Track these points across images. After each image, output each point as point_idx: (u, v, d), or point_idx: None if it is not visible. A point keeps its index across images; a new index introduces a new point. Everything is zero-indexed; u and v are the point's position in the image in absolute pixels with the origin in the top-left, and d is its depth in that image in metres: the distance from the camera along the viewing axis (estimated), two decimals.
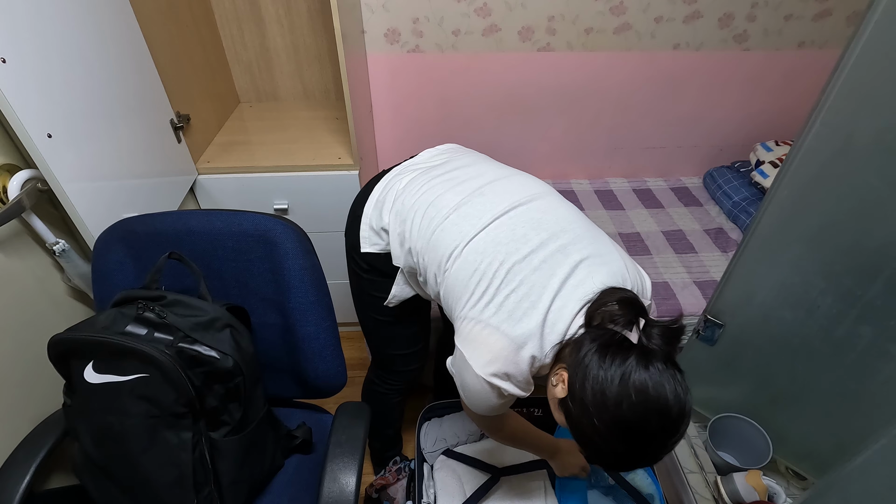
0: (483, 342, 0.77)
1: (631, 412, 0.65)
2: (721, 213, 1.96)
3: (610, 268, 0.80)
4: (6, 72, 0.81)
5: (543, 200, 0.89)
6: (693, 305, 1.54)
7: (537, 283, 0.77)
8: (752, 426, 1.21)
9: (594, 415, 0.67)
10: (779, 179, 0.96)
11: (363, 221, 1.01)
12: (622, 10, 1.73)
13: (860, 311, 0.94)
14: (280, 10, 1.73)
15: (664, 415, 0.65)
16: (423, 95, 1.91)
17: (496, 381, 0.76)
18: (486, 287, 0.79)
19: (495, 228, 0.83)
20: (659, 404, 0.64)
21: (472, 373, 0.76)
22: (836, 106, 0.84)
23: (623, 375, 0.65)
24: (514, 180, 0.94)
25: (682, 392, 0.66)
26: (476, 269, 0.81)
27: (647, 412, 0.65)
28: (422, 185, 0.94)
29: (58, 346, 0.79)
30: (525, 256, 0.79)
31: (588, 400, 0.67)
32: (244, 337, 0.87)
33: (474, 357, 0.77)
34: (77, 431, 0.83)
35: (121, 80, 1.12)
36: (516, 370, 0.75)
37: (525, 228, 0.83)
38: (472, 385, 0.78)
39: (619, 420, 0.65)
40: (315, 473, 0.86)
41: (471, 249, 0.82)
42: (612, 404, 0.65)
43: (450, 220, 0.87)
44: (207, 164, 1.53)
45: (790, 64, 1.89)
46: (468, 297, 0.80)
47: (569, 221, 0.85)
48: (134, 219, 0.97)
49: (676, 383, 0.66)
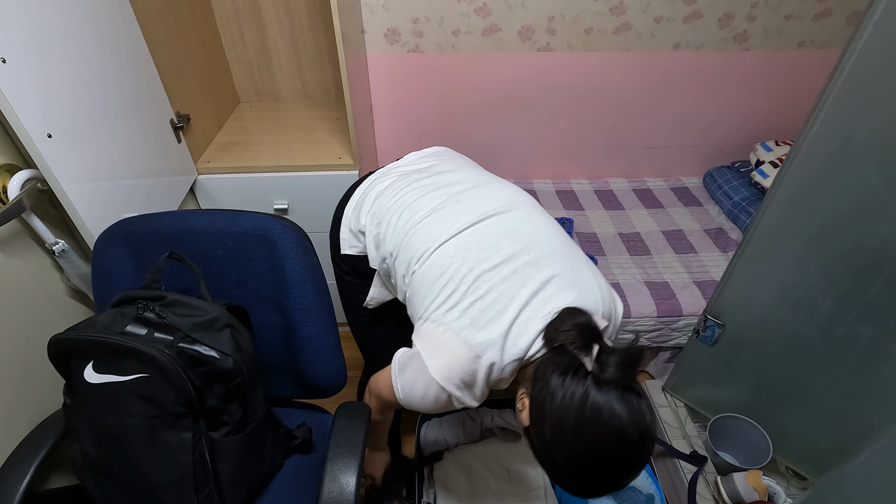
0: (441, 346, 0.76)
1: (589, 445, 0.63)
2: (721, 213, 1.96)
3: (581, 287, 0.78)
4: (6, 72, 0.81)
5: (521, 210, 0.88)
6: (693, 305, 1.54)
7: (505, 294, 0.75)
8: (752, 426, 1.21)
9: (554, 448, 0.66)
10: (779, 179, 0.96)
11: (343, 223, 1.02)
12: (622, 10, 1.74)
13: (860, 311, 0.94)
14: (280, 10, 1.73)
15: (622, 444, 0.63)
16: (423, 95, 1.91)
17: (453, 390, 0.74)
18: (451, 291, 0.78)
19: (468, 235, 0.82)
20: (616, 435, 0.63)
21: (427, 375, 0.75)
22: (836, 106, 0.84)
23: (578, 407, 0.64)
24: (493, 188, 0.93)
25: (641, 418, 0.64)
26: (443, 273, 0.80)
27: (604, 444, 0.63)
28: (400, 188, 0.94)
29: (58, 346, 0.79)
30: (495, 266, 0.78)
31: (547, 435, 0.66)
32: (244, 337, 0.87)
33: (432, 359, 0.76)
34: (77, 431, 0.83)
35: (121, 80, 1.12)
36: (472, 379, 0.74)
37: (499, 237, 0.81)
38: (421, 386, 0.77)
39: (578, 453, 0.64)
40: (315, 473, 0.86)
41: (440, 253, 0.82)
42: (569, 437, 0.64)
43: (423, 223, 0.86)
44: (207, 164, 1.53)
45: (790, 64, 1.89)
46: (432, 300, 0.79)
47: (545, 234, 0.84)
48: (134, 219, 0.97)
49: (634, 410, 0.63)
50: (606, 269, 1.69)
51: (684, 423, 1.33)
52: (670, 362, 1.66)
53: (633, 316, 1.53)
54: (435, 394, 0.76)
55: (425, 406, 0.80)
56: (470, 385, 0.75)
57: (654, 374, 1.75)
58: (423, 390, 0.77)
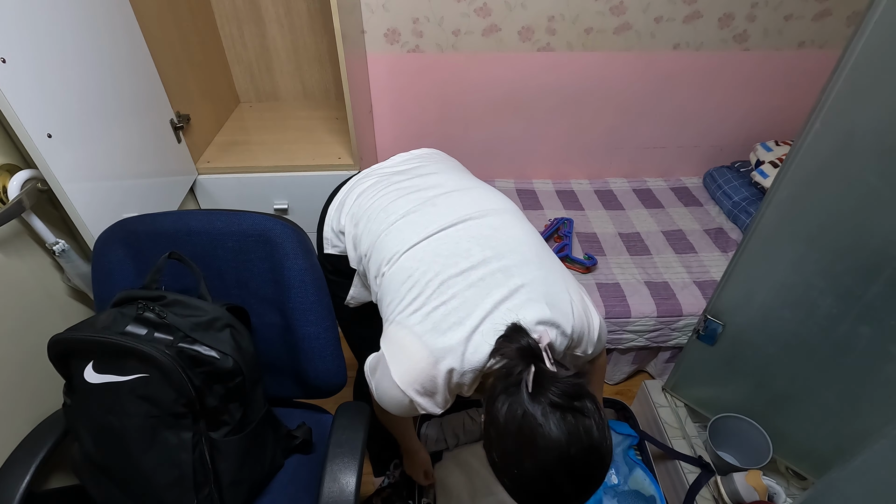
0: (403, 349, 0.75)
1: (531, 466, 0.62)
2: (721, 213, 1.96)
3: (551, 299, 0.76)
4: (6, 72, 0.81)
5: (498, 217, 0.86)
6: (693, 305, 1.54)
7: (470, 300, 0.74)
8: (752, 426, 1.21)
9: (502, 470, 0.65)
10: (779, 179, 0.96)
11: (326, 223, 1.02)
12: (622, 10, 1.74)
13: (860, 311, 0.94)
14: (280, 10, 1.73)
15: (565, 465, 0.61)
16: (423, 95, 1.91)
17: (413, 395, 0.73)
18: (416, 295, 0.77)
19: (438, 239, 0.81)
20: (556, 456, 0.61)
21: (390, 378, 0.74)
22: (836, 106, 0.84)
23: (518, 429, 0.62)
24: (472, 193, 0.92)
25: (583, 437, 0.61)
26: (410, 276, 0.79)
27: (545, 466, 0.61)
28: (379, 189, 0.94)
29: (58, 346, 0.79)
30: (463, 271, 0.77)
31: (495, 457, 0.65)
32: (244, 337, 0.87)
33: (394, 362, 0.75)
34: (77, 431, 0.83)
35: (121, 80, 1.12)
36: (432, 385, 0.73)
37: (470, 243, 0.80)
38: (386, 389, 0.76)
39: (523, 475, 0.63)
40: (315, 473, 0.86)
41: (409, 256, 0.81)
42: (512, 460, 0.63)
43: (396, 226, 0.86)
44: (207, 164, 1.53)
45: (790, 64, 1.89)
46: (398, 302, 0.79)
47: (519, 243, 0.82)
48: (134, 219, 0.97)
49: (574, 429, 0.61)
50: (606, 269, 1.69)
51: (684, 423, 1.33)
52: (670, 362, 1.66)
53: (633, 316, 1.53)
54: (398, 398, 0.74)
55: (395, 410, 0.78)
56: (431, 391, 0.73)
57: (654, 374, 1.75)
58: (388, 394, 0.76)
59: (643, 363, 1.74)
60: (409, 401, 0.74)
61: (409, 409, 0.76)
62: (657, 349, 1.66)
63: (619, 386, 1.76)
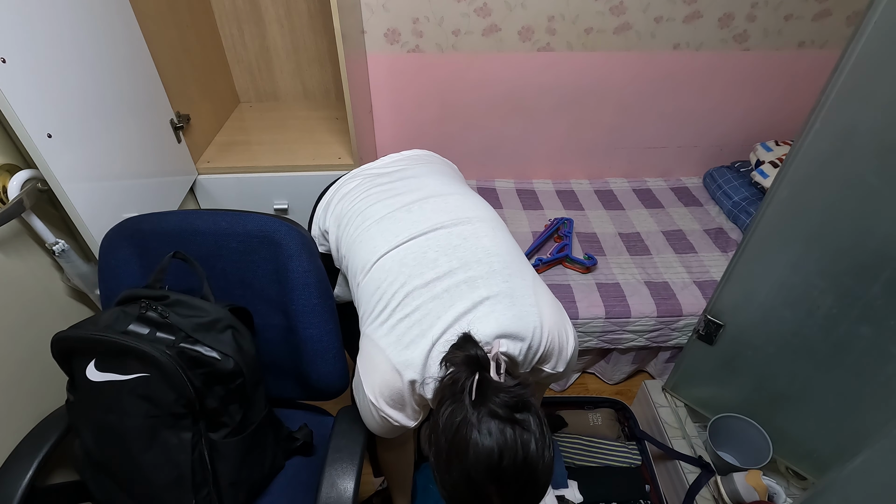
0: (372, 361, 0.76)
1: (458, 472, 0.61)
2: (721, 213, 1.96)
3: (517, 311, 0.75)
4: (6, 72, 0.81)
5: (470, 226, 0.85)
6: (693, 305, 1.54)
7: (432, 313, 0.74)
8: (752, 426, 1.21)
9: (437, 473, 0.65)
10: (779, 179, 0.96)
11: (314, 223, 1.03)
12: (622, 10, 1.74)
13: (860, 311, 0.94)
14: (280, 10, 1.73)
15: (493, 476, 0.60)
16: (423, 95, 1.91)
17: (384, 407, 0.74)
18: (383, 307, 0.77)
19: (406, 248, 0.82)
20: (485, 466, 0.60)
21: (363, 391, 0.76)
22: (836, 106, 0.84)
23: (453, 436, 0.62)
24: (450, 200, 0.91)
25: (519, 450, 0.60)
26: (378, 288, 0.79)
27: (473, 474, 0.61)
28: (361, 192, 0.95)
29: (60, 344, 0.80)
30: (427, 283, 0.77)
31: (432, 459, 0.65)
32: (246, 338, 0.87)
33: (365, 375, 0.76)
34: (79, 428, 0.83)
35: (121, 80, 1.12)
36: (400, 398, 0.74)
37: (437, 253, 0.80)
38: (361, 402, 0.78)
39: (450, 481, 0.63)
40: (315, 475, 0.86)
41: (378, 267, 0.81)
42: (443, 463, 0.63)
43: (369, 232, 0.86)
44: (207, 164, 1.53)
45: (790, 64, 1.89)
46: (369, 314, 0.80)
47: (487, 254, 0.80)
48: (140, 217, 0.97)
49: (509, 441, 0.60)
50: (606, 269, 1.69)
51: (684, 423, 1.33)
52: (670, 362, 1.66)
53: (633, 316, 1.53)
54: (373, 412, 0.76)
55: (374, 426, 0.79)
56: (400, 403, 0.74)
57: (654, 374, 1.75)
58: (364, 407, 0.78)
59: (643, 363, 1.74)
60: (381, 415, 0.75)
61: (386, 425, 0.77)
62: (657, 349, 1.66)
63: (619, 386, 1.76)
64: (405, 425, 0.77)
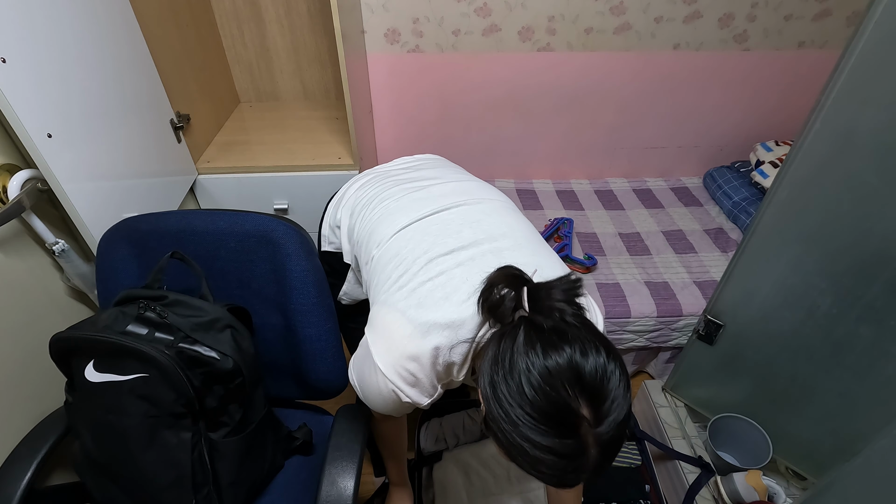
0: (386, 327, 0.71)
1: (542, 400, 0.54)
2: (721, 213, 1.96)
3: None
4: (6, 72, 0.81)
5: (492, 204, 0.85)
6: (693, 305, 1.54)
7: (458, 276, 0.71)
8: (752, 426, 1.21)
9: (510, 427, 0.56)
10: (779, 179, 0.96)
11: (324, 220, 1.03)
12: (622, 10, 1.73)
13: (860, 311, 0.94)
14: (280, 10, 1.73)
15: (576, 381, 0.54)
16: (423, 95, 1.91)
17: (396, 381, 0.68)
18: (402, 272, 0.74)
19: (429, 220, 0.80)
20: (569, 375, 0.54)
21: (372, 364, 0.70)
22: (836, 106, 0.84)
23: (521, 361, 0.56)
24: (466, 185, 0.92)
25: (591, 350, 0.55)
26: (397, 255, 0.77)
27: (552, 389, 0.54)
28: (378, 182, 0.96)
29: (59, 344, 0.80)
30: (451, 251, 0.74)
31: (498, 413, 0.57)
32: (245, 338, 0.87)
33: (376, 344, 0.71)
34: (78, 429, 0.83)
35: (121, 79, 1.12)
36: (417, 367, 0.68)
37: (461, 225, 0.78)
38: (368, 378, 0.72)
39: (531, 417, 0.55)
40: (315, 475, 0.86)
41: (398, 237, 0.80)
42: (517, 402, 0.55)
43: (388, 210, 0.86)
44: (207, 164, 1.53)
45: (790, 64, 1.89)
46: (384, 282, 0.76)
47: (512, 229, 0.79)
48: (138, 217, 0.97)
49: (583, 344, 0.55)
50: (606, 269, 1.69)
51: (684, 423, 1.33)
52: (670, 362, 1.66)
53: (633, 316, 1.53)
54: (380, 386, 0.70)
55: (380, 404, 0.74)
56: (414, 374, 0.68)
57: (654, 374, 1.75)
58: (370, 382, 0.71)
59: (643, 363, 1.74)
60: (392, 389, 0.69)
61: (394, 402, 0.71)
62: (657, 349, 1.66)
63: None
64: (416, 402, 0.71)
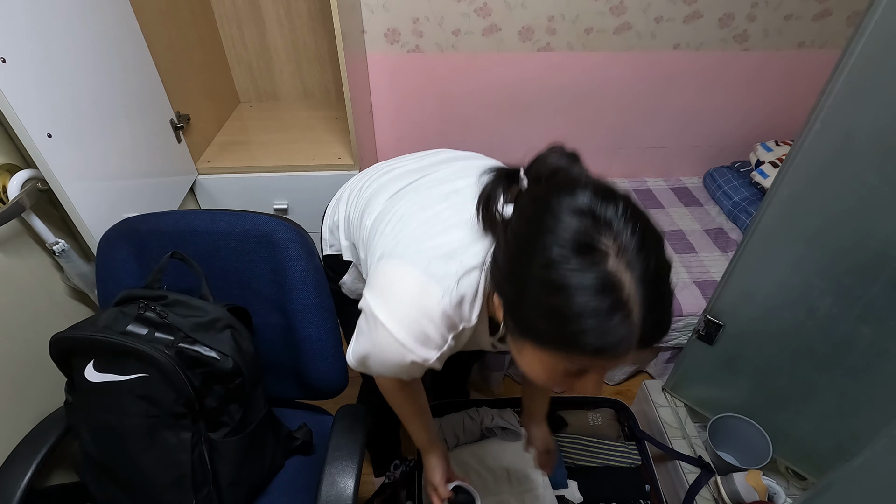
0: (385, 276, 0.67)
1: (561, 233, 0.50)
2: (721, 213, 1.96)
3: None
4: (6, 72, 0.81)
5: (493, 161, 0.82)
6: (693, 305, 1.54)
7: (451, 210, 0.70)
8: (752, 426, 1.21)
9: (531, 293, 0.50)
10: (779, 179, 0.96)
11: (324, 223, 1.01)
12: (622, 10, 1.73)
13: (860, 311, 0.94)
14: (280, 10, 1.73)
15: (594, 215, 0.51)
16: (423, 95, 1.91)
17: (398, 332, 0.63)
18: (395, 224, 0.73)
19: (421, 182, 0.80)
20: (581, 211, 0.51)
21: (375, 321, 0.65)
22: (836, 106, 0.84)
23: (530, 217, 0.54)
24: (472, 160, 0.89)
25: (610, 189, 0.52)
26: (389, 212, 0.76)
27: (572, 225, 0.50)
28: (370, 172, 0.95)
29: (59, 345, 0.80)
30: (447, 195, 0.74)
31: (515, 270, 0.53)
32: (245, 338, 0.87)
33: (377, 298, 0.66)
34: (78, 429, 0.83)
35: (121, 80, 1.12)
36: (425, 315, 0.63)
37: (456, 175, 0.78)
38: (376, 339, 0.66)
39: (557, 257, 0.49)
40: (315, 475, 0.86)
41: (391, 201, 0.79)
42: (539, 247, 0.51)
43: (380, 183, 0.86)
44: (207, 164, 1.53)
45: (790, 64, 1.89)
46: (379, 242, 0.74)
47: None
48: (138, 218, 0.97)
49: (596, 183, 0.53)
50: None
51: (684, 423, 1.33)
52: (670, 362, 1.66)
53: None
54: (383, 342, 0.65)
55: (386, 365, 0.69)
56: (423, 326, 0.63)
57: (654, 374, 1.75)
58: (379, 343, 0.66)
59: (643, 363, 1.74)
60: (397, 346, 0.64)
61: (401, 360, 0.66)
62: (657, 349, 1.66)
63: (620, 386, 1.76)
64: (425, 358, 0.65)
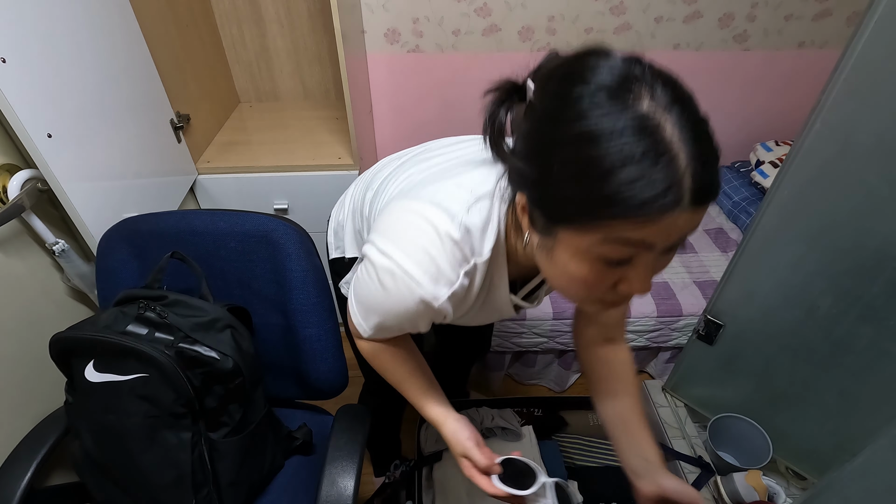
0: (386, 218, 0.63)
1: (594, 85, 0.46)
2: (721, 213, 1.96)
3: None
4: (6, 72, 0.81)
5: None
6: (693, 305, 1.54)
7: (457, 157, 0.71)
8: (752, 426, 1.21)
9: (561, 158, 0.47)
10: (779, 179, 0.96)
11: (329, 225, 1.00)
12: (622, 10, 1.73)
13: (860, 311, 0.94)
14: (280, 10, 1.73)
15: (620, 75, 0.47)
16: (423, 95, 1.91)
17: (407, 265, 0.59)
18: (398, 183, 0.74)
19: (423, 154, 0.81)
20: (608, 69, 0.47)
21: (378, 258, 0.61)
22: (836, 106, 0.84)
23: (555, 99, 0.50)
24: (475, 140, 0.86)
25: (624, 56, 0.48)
26: (392, 177, 0.77)
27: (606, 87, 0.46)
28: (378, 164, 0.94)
29: (59, 345, 0.80)
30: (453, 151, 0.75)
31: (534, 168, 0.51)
32: (245, 338, 0.87)
33: (379, 239, 0.62)
34: (78, 429, 0.83)
35: (121, 80, 1.12)
36: (430, 241, 0.59)
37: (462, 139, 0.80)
38: (383, 276, 0.61)
39: (591, 105, 0.46)
40: (315, 475, 0.86)
41: (393, 174, 0.80)
42: (569, 101, 0.47)
43: (382, 165, 0.87)
44: (207, 164, 1.53)
45: (790, 64, 1.89)
46: (378, 201, 0.76)
47: None
48: (138, 218, 0.97)
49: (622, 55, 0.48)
50: None
51: (684, 423, 1.33)
52: (670, 362, 1.66)
53: (633, 316, 1.53)
54: (388, 280, 0.61)
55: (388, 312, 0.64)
56: (429, 253, 0.59)
57: (654, 374, 1.75)
58: (376, 282, 0.62)
59: (643, 363, 1.74)
60: (405, 278, 0.59)
61: (408, 304, 0.61)
62: (657, 349, 1.66)
63: None
64: (434, 296, 0.60)
